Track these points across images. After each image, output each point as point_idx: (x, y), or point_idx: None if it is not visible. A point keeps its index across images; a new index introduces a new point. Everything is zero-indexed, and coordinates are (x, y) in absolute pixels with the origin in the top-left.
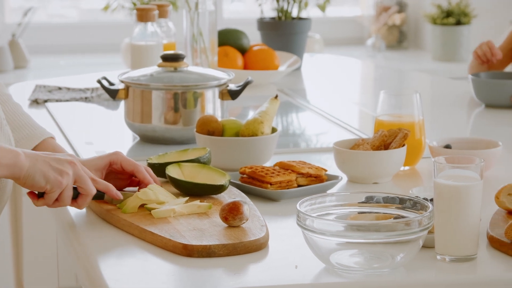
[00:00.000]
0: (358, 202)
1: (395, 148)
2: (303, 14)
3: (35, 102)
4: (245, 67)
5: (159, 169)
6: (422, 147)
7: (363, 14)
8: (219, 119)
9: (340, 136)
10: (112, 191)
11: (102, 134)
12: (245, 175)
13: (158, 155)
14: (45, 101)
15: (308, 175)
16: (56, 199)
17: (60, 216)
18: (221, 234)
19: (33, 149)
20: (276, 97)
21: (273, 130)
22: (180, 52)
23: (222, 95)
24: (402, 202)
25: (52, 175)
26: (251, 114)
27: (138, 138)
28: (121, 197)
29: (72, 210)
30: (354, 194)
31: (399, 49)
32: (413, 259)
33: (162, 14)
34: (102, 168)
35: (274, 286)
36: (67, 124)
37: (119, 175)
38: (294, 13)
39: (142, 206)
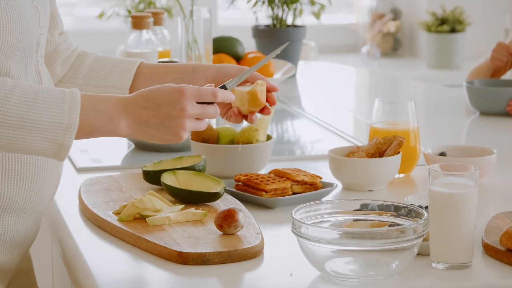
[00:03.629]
0: (353, 210)
1: (390, 155)
2: (298, 22)
3: None
4: None
5: (154, 176)
6: (417, 154)
7: (358, 21)
8: (214, 126)
9: (335, 144)
10: (228, 97)
11: (97, 142)
12: (240, 183)
13: (153, 162)
14: None
15: (303, 183)
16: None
17: (55, 224)
18: (216, 241)
19: (135, 80)
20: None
21: (268, 137)
22: (175, 59)
23: None
24: (397, 210)
25: (168, 137)
26: (246, 122)
27: (133, 146)
28: (233, 98)
29: (67, 218)
30: (349, 202)
31: (393, 56)
32: (408, 267)
33: (157, 21)
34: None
35: None
36: None
37: None
38: (289, 21)
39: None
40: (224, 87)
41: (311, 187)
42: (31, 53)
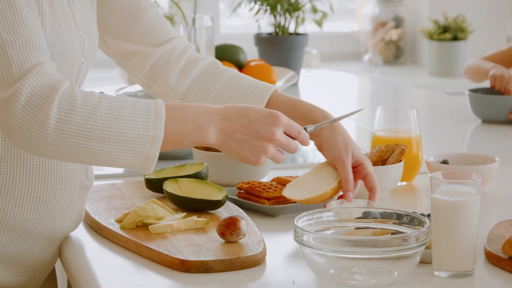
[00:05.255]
0: (355, 218)
1: (392, 163)
2: (300, 30)
3: None
4: None
5: (156, 184)
6: (419, 162)
7: (360, 29)
8: None
9: None
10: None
11: None
12: (242, 191)
13: (156, 170)
14: None
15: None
16: None
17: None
18: (218, 249)
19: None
20: None
21: None
22: None
23: None
24: (399, 218)
25: (248, 155)
26: None
27: None
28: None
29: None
30: (351, 210)
31: (396, 64)
32: (411, 275)
33: None
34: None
35: None
36: None
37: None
38: (291, 29)
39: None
40: (304, 129)
41: None
42: (71, 81)
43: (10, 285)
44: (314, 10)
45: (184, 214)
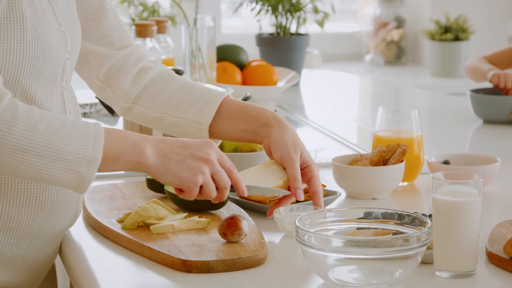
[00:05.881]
0: (357, 218)
1: (393, 164)
2: (302, 30)
3: None
4: (244, 82)
5: (157, 184)
6: (420, 163)
7: (362, 30)
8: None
9: (339, 152)
10: (240, 187)
11: None
12: None
13: None
14: None
15: (307, 191)
16: (199, 193)
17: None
18: (220, 249)
19: (214, 118)
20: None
21: None
22: (179, 67)
23: None
24: (400, 218)
25: (185, 175)
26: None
27: None
28: (245, 194)
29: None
30: (352, 210)
31: (397, 64)
32: (412, 275)
33: (161, 30)
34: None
35: None
36: None
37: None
38: (293, 29)
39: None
40: (248, 186)
41: None
42: (56, 78)
43: (10, 285)
44: (316, 10)
45: (186, 214)
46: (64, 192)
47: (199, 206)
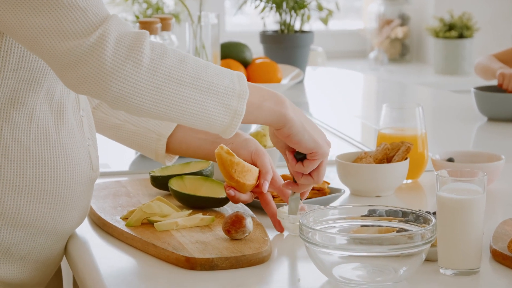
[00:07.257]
0: (361, 215)
1: (397, 161)
2: (306, 27)
3: None
4: (248, 80)
5: (162, 181)
6: (424, 160)
7: (366, 27)
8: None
9: (343, 149)
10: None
11: (105, 148)
12: None
13: (161, 167)
14: None
15: (314, 188)
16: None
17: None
18: (224, 247)
19: (176, 129)
20: None
21: None
22: None
23: None
24: (405, 216)
25: (320, 140)
26: (254, 127)
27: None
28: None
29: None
30: (356, 207)
31: (401, 62)
32: (416, 273)
33: (165, 27)
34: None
35: None
36: None
37: None
38: (297, 26)
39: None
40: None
41: (318, 192)
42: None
43: (22, 282)
44: (320, 7)
45: (190, 211)
46: (77, 188)
47: (203, 204)
